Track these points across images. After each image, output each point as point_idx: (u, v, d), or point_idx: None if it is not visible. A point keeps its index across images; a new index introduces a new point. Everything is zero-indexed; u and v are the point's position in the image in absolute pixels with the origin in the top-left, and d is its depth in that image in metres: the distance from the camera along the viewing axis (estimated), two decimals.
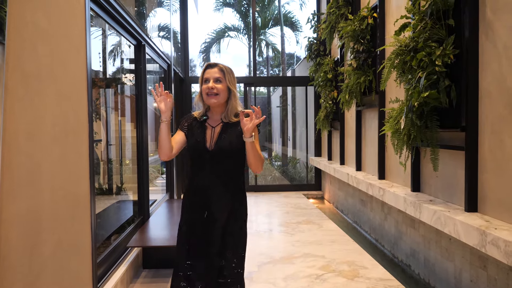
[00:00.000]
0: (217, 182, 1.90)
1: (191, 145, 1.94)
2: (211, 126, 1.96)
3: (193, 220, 1.94)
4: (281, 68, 11.21)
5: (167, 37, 9.08)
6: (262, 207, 6.30)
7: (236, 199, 1.96)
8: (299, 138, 9.95)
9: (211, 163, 1.89)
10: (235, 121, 1.92)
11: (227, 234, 1.92)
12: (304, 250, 3.96)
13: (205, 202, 1.90)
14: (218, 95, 1.89)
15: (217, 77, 1.90)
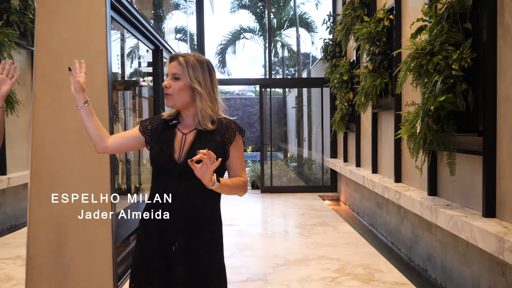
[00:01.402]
0: (185, 207, 1.47)
1: (154, 154, 1.51)
2: (182, 132, 1.54)
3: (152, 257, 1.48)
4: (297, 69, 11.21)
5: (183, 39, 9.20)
6: (277, 208, 6.33)
7: (211, 229, 1.52)
8: (314, 139, 9.93)
9: (179, 180, 1.45)
10: (213, 129, 1.51)
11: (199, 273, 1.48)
12: (319, 252, 3.97)
13: (170, 231, 1.47)
14: (172, 96, 1.49)
15: (173, 72, 1.49)
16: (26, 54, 5.22)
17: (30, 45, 5.21)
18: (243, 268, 3.57)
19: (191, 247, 1.47)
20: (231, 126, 1.55)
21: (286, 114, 14.42)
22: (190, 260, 1.46)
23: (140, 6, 6.02)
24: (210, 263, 1.50)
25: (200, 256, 1.48)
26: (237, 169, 1.55)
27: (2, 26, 4.57)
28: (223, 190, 1.45)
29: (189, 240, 1.47)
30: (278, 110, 15.48)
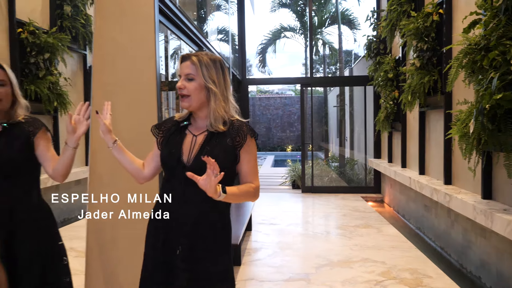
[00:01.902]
0: (192, 210, 1.42)
1: (163, 157, 1.48)
2: (192, 134, 1.49)
3: (158, 259, 1.47)
4: (338, 67, 11.03)
5: (225, 39, 9.32)
6: (319, 208, 6.26)
7: (219, 234, 1.48)
8: (357, 138, 9.73)
9: (186, 184, 1.38)
10: (224, 130, 1.45)
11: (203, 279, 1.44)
12: (363, 254, 3.88)
13: (175, 235, 1.44)
14: (189, 97, 1.43)
15: (187, 73, 1.44)
16: (77, 57, 5.50)
17: (81, 49, 5.48)
18: (285, 268, 3.56)
19: (195, 251, 1.42)
20: (242, 128, 1.48)
21: (327, 113, 14.23)
22: (193, 265, 1.42)
23: (184, 8, 6.17)
24: (214, 269, 1.45)
25: (204, 261, 1.43)
26: (248, 174, 1.48)
27: (56, 32, 4.84)
28: (232, 200, 1.39)
29: (194, 244, 1.42)
30: (319, 109, 15.31)
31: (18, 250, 1.49)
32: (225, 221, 1.51)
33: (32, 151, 1.58)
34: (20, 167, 1.55)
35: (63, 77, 4.94)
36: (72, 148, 1.57)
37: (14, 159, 1.51)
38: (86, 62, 5.63)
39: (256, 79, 10.12)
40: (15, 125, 1.58)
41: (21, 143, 1.55)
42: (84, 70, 5.63)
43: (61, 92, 4.81)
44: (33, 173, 1.60)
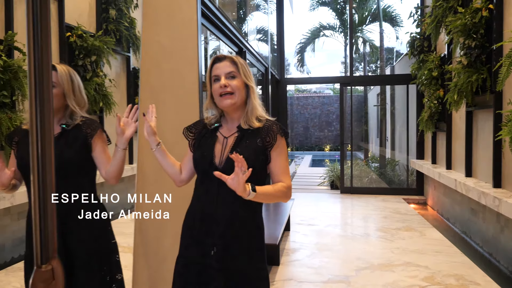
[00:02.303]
0: (226, 211, 1.44)
1: (196, 159, 1.51)
2: (223, 136, 1.51)
3: (192, 259, 1.48)
4: (380, 65, 10.75)
5: (264, 39, 9.35)
6: (358, 210, 6.15)
7: (251, 235, 1.49)
8: (398, 139, 9.45)
9: (218, 185, 1.41)
10: (257, 127, 1.47)
11: (239, 279, 1.45)
12: (405, 258, 3.77)
13: (210, 236, 1.45)
14: (234, 94, 1.45)
15: (229, 71, 1.46)
16: (120, 59, 5.72)
17: (125, 51, 5.70)
18: (324, 269, 3.54)
19: (230, 251, 1.44)
20: (272, 128, 1.48)
21: (367, 112, 13.92)
22: (228, 265, 1.43)
23: (223, 9, 6.27)
24: (249, 269, 1.46)
25: (238, 261, 1.44)
26: (278, 173, 1.48)
27: (102, 35, 5.06)
28: (261, 199, 1.39)
29: (228, 244, 1.43)
30: (359, 108, 15.02)
31: (74, 247, 1.57)
32: (258, 220, 1.52)
33: (89, 152, 1.64)
34: (78, 168, 1.62)
35: (108, 78, 5.16)
36: (122, 149, 1.61)
37: (72, 160, 1.59)
38: (129, 63, 5.85)
39: (294, 78, 10.07)
40: (73, 127, 1.65)
41: (79, 144, 1.62)
42: (127, 71, 5.85)
43: (106, 93, 5.02)
44: (90, 173, 1.67)
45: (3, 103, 3.32)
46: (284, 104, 7.82)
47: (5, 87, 3.32)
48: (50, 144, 0.88)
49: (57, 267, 1.01)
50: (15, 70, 3.38)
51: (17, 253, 3.75)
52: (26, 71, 3.51)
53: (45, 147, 0.89)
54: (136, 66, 6.04)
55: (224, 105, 1.46)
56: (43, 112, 0.82)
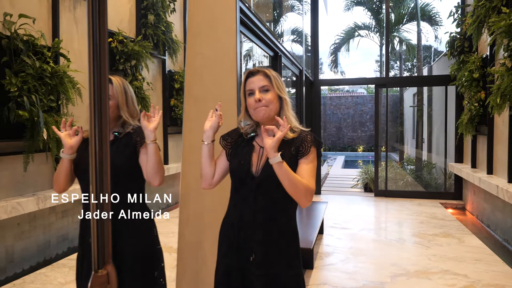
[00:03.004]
0: (263, 218, 1.48)
1: (233, 167, 1.55)
2: (259, 145, 1.56)
3: (232, 266, 1.52)
4: (417, 66, 10.46)
5: (298, 40, 9.33)
6: (393, 214, 6.03)
7: (288, 240, 1.52)
8: (435, 141, 9.18)
9: (256, 193, 1.48)
10: (291, 138, 1.52)
11: (276, 284, 1.49)
12: (442, 266, 3.68)
13: (248, 242, 1.49)
14: (268, 107, 1.51)
15: (262, 85, 1.52)
16: (157, 63, 5.89)
17: (161, 54, 5.86)
18: (358, 274, 3.51)
19: (269, 258, 1.47)
20: (306, 139, 1.52)
21: (402, 113, 13.59)
22: (267, 271, 1.47)
23: (257, 10, 6.32)
24: (287, 274, 1.49)
25: (277, 267, 1.48)
26: (304, 176, 1.48)
27: (141, 40, 5.23)
28: (283, 173, 1.39)
29: (267, 251, 1.47)
30: (394, 108, 14.68)
31: (121, 251, 1.64)
32: (294, 226, 1.55)
33: (137, 159, 1.72)
34: (127, 174, 1.70)
35: (146, 81, 5.33)
36: (151, 142, 1.62)
37: (122, 167, 1.67)
38: (165, 66, 6.01)
39: (328, 80, 9.96)
40: (124, 135, 1.73)
41: (129, 151, 1.70)
42: (162, 74, 6.01)
43: (144, 96, 5.19)
44: (138, 179, 1.75)
45: (50, 107, 3.51)
46: (318, 106, 7.78)
47: (52, 92, 3.51)
48: (107, 155, 0.95)
49: (111, 271, 1.08)
50: (61, 76, 3.56)
51: (61, 249, 3.95)
52: (71, 77, 3.69)
53: (103, 157, 0.96)
54: (171, 69, 6.20)
55: (259, 118, 1.52)
56: (100, 124, 0.88)
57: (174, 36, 5.99)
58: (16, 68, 3.21)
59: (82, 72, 3.96)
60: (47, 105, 3.43)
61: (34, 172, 3.58)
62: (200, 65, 1.69)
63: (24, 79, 3.21)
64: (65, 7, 4.02)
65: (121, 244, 1.64)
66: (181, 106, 6.15)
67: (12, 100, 3.15)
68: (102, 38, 0.75)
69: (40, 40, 3.45)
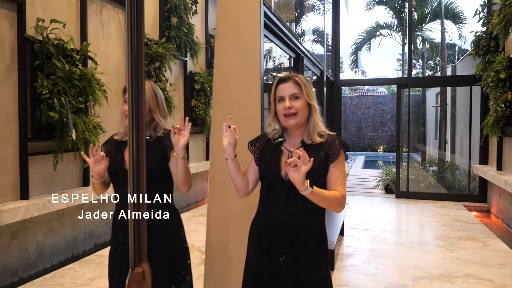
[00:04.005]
0: (293, 220, 1.53)
1: (263, 172, 1.60)
2: (288, 150, 1.60)
3: (262, 267, 1.57)
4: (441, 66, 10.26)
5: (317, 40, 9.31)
6: (414, 216, 5.96)
7: (317, 242, 1.57)
8: (459, 142, 9.00)
9: (286, 196, 1.53)
10: (319, 142, 1.56)
11: (305, 284, 1.53)
12: (466, 270, 3.63)
13: (278, 244, 1.54)
14: (297, 115, 1.55)
15: (293, 93, 1.56)
16: (179, 64, 5.99)
17: (183, 56, 5.96)
18: (380, 276, 3.50)
19: (298, 259, 1.51)
20: (335, 143, 1.56)
21: (424, 113, 13.36)
22: (297, 272, 1.50)
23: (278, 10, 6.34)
24: (316, 274, 1.53)
25: (307, 268, 1.52)
26: (335, 183, 1.53)
27: (165, 42, 5.33)
28: (316, 198, 1.43)
29: (297, 252, 1.51)
30: (415, 108, 14.44)
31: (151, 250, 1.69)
32: (323, 228, 1.60)
33: (167, 163, 1.79)
34: (158, 177, 1.77)
35: (169, 83, 5.43)
36: (180, 158, 1.68)
37: (153, 170, 1.74)
38: (186, 68, 6.11)
39: (349, 80, 9.88)
40: (155, 139, 1.80)
41: (160, 155, 1.77)
42: (184, 75, 6.11)
43: (167, 97, 5.29)
44: (167, 182, 1.82)
45: (78, 108, 3.63)
46: (338, 106, 7.75)
47: (81, 94, 3.63)
48: (143, 158, 1.00)
49: (147, 269, 1.14)
50: (89, 78, 3.68)
51: (88, 246, 4.08)
52: (98, 79, 3.81)
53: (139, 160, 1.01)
54: (192, 70, 6.30)
55: (288, 125, 1.56)
56: (138, 128, 0.94)
57: (195, 37, 6.08)
58: (47, 71, 3.34)
59: (108, 74, 4.07)
60: (75, 107, 3.56)
61: (63, 171, 3.72)
62: (226, 70, 1.74)
63: (54, 82, 3.33)
64: (92, 11, 4.14)
65: (150, 243, 1.69)
66: (201, 106, 6.23)
67: (43, 102, 3.28)
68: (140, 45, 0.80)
69: (70, 43, 3.58)
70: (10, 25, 3.20)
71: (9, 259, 3.20)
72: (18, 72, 3.24)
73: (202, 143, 6.74)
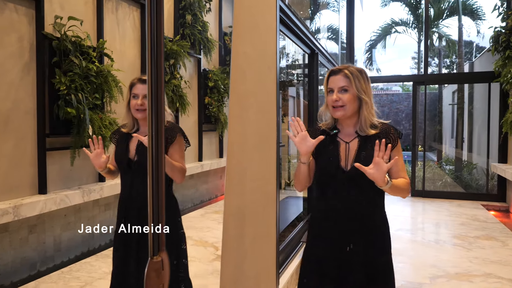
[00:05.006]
0: (358, 210, 1.56)
1: (323, 165, 1.61)
2: (344, 141, 1.61)
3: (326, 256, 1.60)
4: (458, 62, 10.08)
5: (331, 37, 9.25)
6: (430, 215, 5.87)
7: (382, 229, 1.61)
8: (476, 140, 8.84)
9: (348, 186, 1.56)
10: (374, 133, 1.57)
11: (373, 270, 1.57)
12: (485, 269, 3.56)
13: (344, 233, 1.57)
14: (344, 107, 1.56)
15: (341, 86, 1.57)
16: (193, 61, 6.01)
17: (197, 53, 5.98)
18: (396, 274, 3.40)
19: (365, 247, 1.55)
20: (391, 131, 1.59)
21: (441, 111, 13.14)
22: (363, 259, 1.55)
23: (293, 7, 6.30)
24: (382, 262, 1.58)
25: (372, 254, 1.55)
26: (399, 170, 1.57)
27: (179, 39, 5.35)
28: (392, 190, 1.48)
29: (362, 241, 1.55)
30: (431, 107, 14.22)
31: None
32: (385, 216, 1.64)
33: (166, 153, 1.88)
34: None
35: (184, 80, 5.45)
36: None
37: None
38: (200, 65, 6.13)
39: None
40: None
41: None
42: (198, 72, 6.13)
43: (182, 94, 5.31)
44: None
45: (95, 104, 3.67)
46: None
47: (97, 90, 3.67)
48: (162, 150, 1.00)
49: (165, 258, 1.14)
50: (105, 75, 3.72)
51: (103, 241, 4.13)
52: (114, 76, 3.84)
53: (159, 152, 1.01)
54: (206, 68, 6.31)
55: (336, 116, 1.60)
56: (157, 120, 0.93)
57: (209, 35, 6.09)
58: (65, 68, 3.38)
59: (123, 71, 4.11)
60: (92, 103, 3.60)
61: (79, 166, 3.77)
62: (243, 63, 1.74)
63: (71, 78, 3.38)
64: (108, 9, 4.18)
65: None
66: (215, 104, 6.25)
67: (61, 98, 3.32)
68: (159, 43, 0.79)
69: (86, 41, 3.62)
70: (29, 22, 3.25)
71: (28, 252, 3.26)
72: (36, 69, 3.30)
73: (215, 140, 6.76)
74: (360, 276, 1.54)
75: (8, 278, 3.10)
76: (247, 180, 1.82)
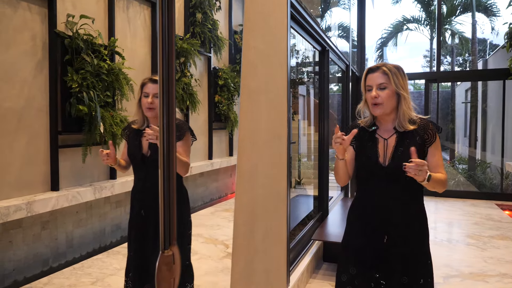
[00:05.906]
0: (396, 203, 1.60)
1: (363, 161, 1.66)
2: (382, 138, 1.65)
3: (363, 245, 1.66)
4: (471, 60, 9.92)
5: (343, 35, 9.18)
6: (443, 214, 5.79)
7: (420, 222, 1.64)
8: (490, 139, 8.69)
9: (387, 181, 1.61)
10: (412, 129, 1.60)
11: (411, 261, 1.60)
12: (500, 269, 3.49)
13: (382, 225, 1.62)
14: (383, 104, 1.59)
15: (380, 83, 1.59)
16: (203, 59, 6.01)
17: (207, 52, 5.98)
18: None
19: (403, 238, 1.60)
20: (429, 127, 1.62)
21: (453, 109, 12.95)
22: (402, 250, 1.60)
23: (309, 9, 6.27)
24: (420, 252, 1.62)
25: (411, 246, 1.60)
26: (437, 165, 1.61)
27: (189, 38, 5.35)
28: (431, 185, 1.51)
29: (401, 231, 1.60)
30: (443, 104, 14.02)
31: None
32: (423, 208, 1.68)
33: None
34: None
35: (194, 78, 5.46)
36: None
37: None
38: (210, 63, 6.13)
39: None
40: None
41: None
42: (208, 71, 6.13)
43: (192, 92, 5.32)
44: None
45: (106, 102, 3.69)
46: None
47: (108, 88, 3.69)
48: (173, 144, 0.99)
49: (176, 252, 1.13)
50: (117, 73, 3.74)
51: (115, 238, 4.16)
52: (125, 73, 3.86)
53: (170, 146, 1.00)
54: (216, 66, 6.31)
55: (375, 113, 1.64)
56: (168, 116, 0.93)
57: (219, 33, 6.09)
58: (76, 66, 3.41)
59: (134, 69, 4.13)
60: (103, 101, 3.62)
61: (91, 163, 3.79)
62: (254, 59, 1.72)
63: (83, 76, 3.40)
64: (119, 8, 4.20)
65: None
66: (224, 102, 6.24)
67: (73, 96, 3.35)
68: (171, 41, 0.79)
69: (98, 39, 3.64)
70: (42, 21, 3.28)
71: (40, 248, 3.30)
72: (49, 67, 3.33)
73: (225, 138, 6.75)
74: (399, 267, 1.59)
75: (22, 273, 3.14)
76: (258, 177, 1.81)
